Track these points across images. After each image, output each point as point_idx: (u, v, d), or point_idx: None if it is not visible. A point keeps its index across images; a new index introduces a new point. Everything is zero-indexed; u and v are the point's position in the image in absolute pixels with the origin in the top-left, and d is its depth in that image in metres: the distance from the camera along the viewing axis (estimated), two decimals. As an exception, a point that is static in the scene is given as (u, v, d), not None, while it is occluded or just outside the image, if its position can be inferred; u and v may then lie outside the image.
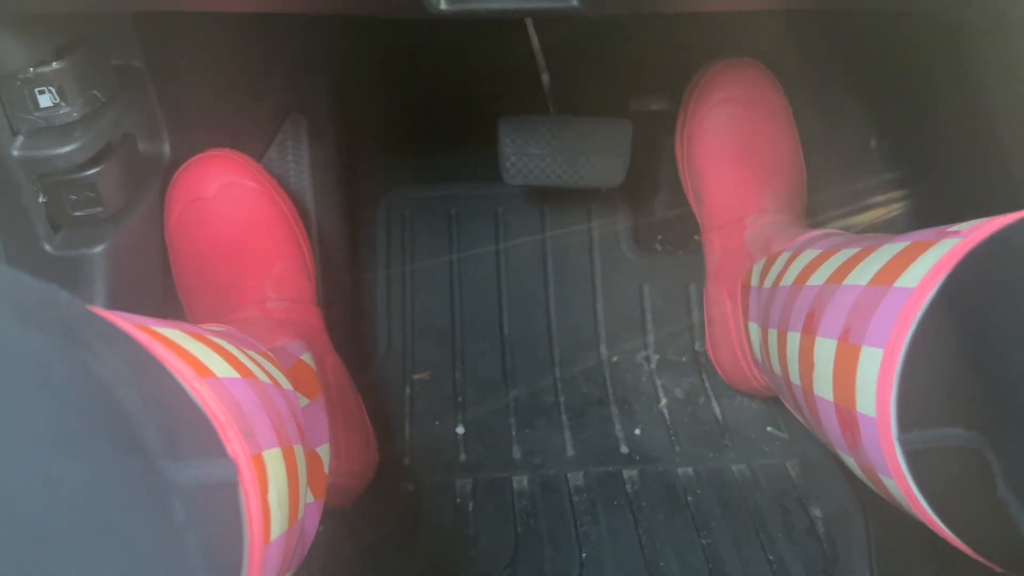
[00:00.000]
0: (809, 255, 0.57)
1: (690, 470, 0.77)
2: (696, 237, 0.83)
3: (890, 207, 0.73)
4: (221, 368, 0.36)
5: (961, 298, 0.37)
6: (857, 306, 0.45)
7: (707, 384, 0.84)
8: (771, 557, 0.69)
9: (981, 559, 0.39)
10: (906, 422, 0.40)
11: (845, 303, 0.47)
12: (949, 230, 0.41)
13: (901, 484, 0.41)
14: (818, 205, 0.81)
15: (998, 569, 0.39)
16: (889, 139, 0.73)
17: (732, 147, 0.76)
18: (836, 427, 0.48)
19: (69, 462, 0.21)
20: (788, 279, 0.59)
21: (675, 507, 0.73)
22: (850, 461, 0.48)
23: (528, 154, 0.78)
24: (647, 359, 0.87)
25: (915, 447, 0.39)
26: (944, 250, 0.39)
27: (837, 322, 0.47)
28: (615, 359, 0.86)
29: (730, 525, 0.71)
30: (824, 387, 0.48)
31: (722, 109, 0.76)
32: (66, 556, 0.20)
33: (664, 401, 0.83)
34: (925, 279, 0.39)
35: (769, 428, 0.80)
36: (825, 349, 0.48)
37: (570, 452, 0.78)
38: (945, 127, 0.64)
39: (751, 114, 0.76)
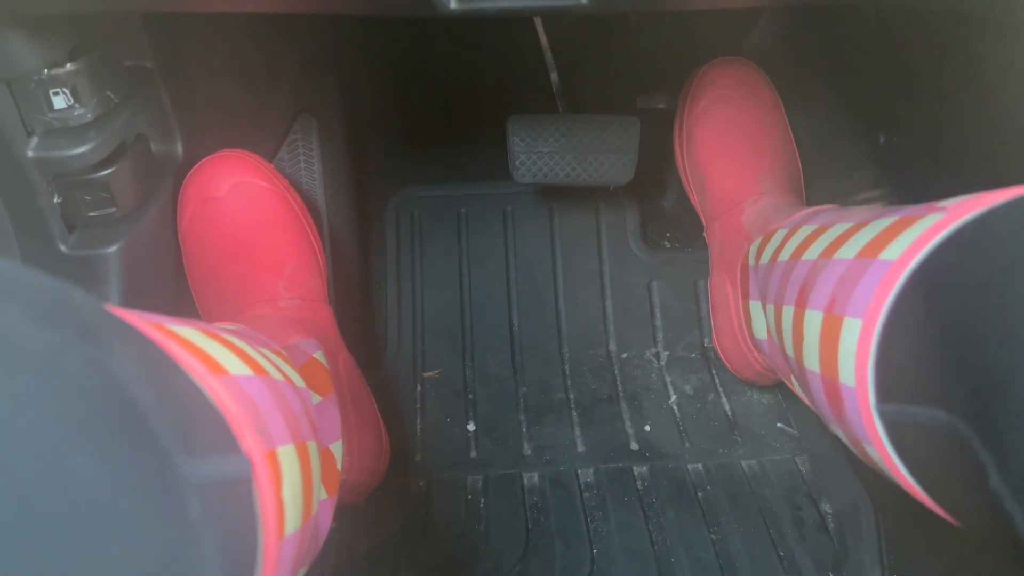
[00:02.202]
0: (805, 231, 0.58)
1: (700, 466, 0.77)
2: (704, 234, 0.83)
3: (894, 203, 0.73)
4: (235, 366, 0.36)
5: (945, 279, 0.38)
6: (843, 278, 0.46)
7: (717, 380, 0.84)
8: (781, 553, 0.69)
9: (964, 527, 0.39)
10: (885, 393, 0.40)
11: (833, 276, 0.47)
12: (937, 205, 0.42)
13: (881, 453, 0.42)
14: (820, 201, 0.81)
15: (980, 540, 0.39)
16: (897, 135, 0.73)
17: (728, 137, 0.78)
18: (824, 398, 0.48)
19: (83, 457, 0.21)
20: (785, 254, 0.59)
21: (685, 503, 0.73)
22: (838, 431, 0.49)
23: (537, 152, 0.78)
24: (656, 355, 0.87)
25: (894, 419, 0.40)
26: (927, 224, 0.40)
27: (825, 294, 0.48)
28: (624, 355, 0.87)
29: (740, 521, 0.71)
30: (812, 359, 0.49)
31: (717, 104, 0.79)
32: (80, 551, 0.20)
33: (674, 397, 0.83)
34: (906, 252, 0.40)
35: (779, 424, 0.80)
36: (813, 321, 0.49)
37: (580, 448, 0.78)
38: (952, 122, 0.63)
39: (744, 107, 0.79)
